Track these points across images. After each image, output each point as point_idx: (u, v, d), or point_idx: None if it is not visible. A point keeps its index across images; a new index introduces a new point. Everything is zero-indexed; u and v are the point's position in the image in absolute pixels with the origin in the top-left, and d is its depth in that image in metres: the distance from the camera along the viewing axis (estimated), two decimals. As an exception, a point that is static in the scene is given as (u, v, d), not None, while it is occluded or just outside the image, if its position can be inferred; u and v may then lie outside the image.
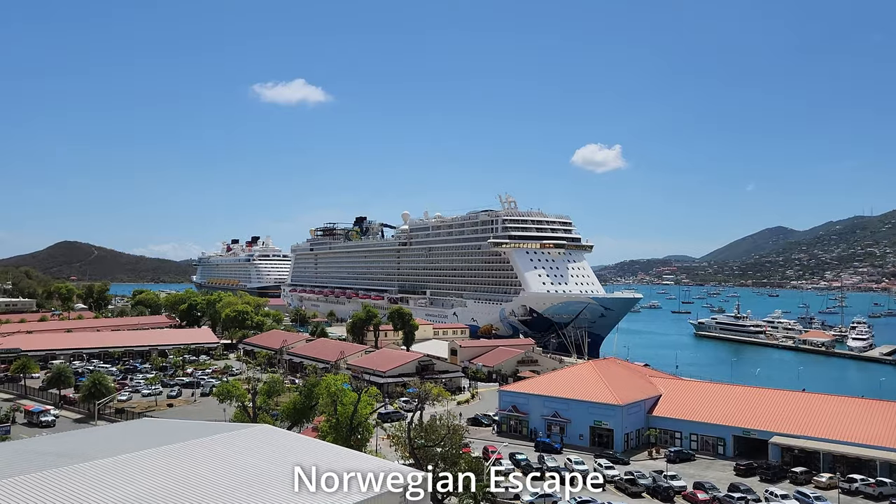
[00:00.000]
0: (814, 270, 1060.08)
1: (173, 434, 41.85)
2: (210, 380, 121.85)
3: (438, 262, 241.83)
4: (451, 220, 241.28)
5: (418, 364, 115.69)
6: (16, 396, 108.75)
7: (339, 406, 57.79)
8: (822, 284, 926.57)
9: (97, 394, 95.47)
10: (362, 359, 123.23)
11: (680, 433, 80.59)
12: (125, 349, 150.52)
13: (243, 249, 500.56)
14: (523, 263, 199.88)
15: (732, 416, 78.95)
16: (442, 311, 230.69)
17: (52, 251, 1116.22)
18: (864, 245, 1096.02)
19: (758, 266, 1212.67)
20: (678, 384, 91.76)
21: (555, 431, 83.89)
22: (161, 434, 42.20)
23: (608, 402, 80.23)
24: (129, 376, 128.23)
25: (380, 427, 65.00)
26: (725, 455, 76.73)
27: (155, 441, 38.83)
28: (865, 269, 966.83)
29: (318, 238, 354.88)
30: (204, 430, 43.29)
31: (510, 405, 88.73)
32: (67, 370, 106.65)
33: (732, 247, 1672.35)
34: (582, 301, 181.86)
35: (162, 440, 38.99)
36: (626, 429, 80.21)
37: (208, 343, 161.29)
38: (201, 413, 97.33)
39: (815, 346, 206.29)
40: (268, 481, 32.09)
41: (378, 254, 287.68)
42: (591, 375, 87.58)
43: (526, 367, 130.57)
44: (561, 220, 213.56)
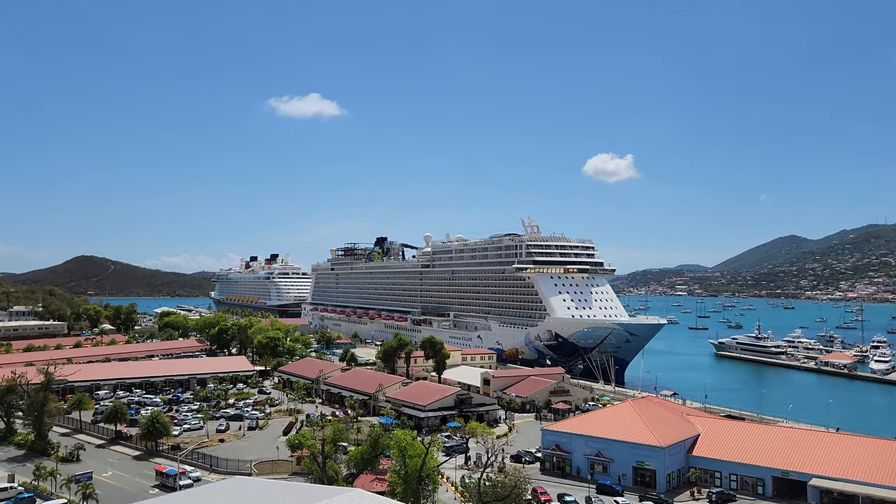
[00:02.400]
0: (828, 280, 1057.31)
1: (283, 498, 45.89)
2: (254, 412, 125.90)
3: (462, 284, 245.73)
4: (475, 244, 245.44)
5: (456, 398, 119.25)
6: (72, 431, 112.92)
7: (408, 459, 61.63)
8: (838, 295, 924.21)
9: (155, 432, 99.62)
10: (400, 391, 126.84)
11: (720, 473, 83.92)
12: (166, 378, 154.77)
13: (262, 267, 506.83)
14: (547, 288, 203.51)
15: (771, 456, 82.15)
16: (466, 333, 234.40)
17: (70, 266, 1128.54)
18: (878, 254, 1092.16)
19: (771, 276, 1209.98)
20: (716, 423, 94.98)
21: (598, 471, 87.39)
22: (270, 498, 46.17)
23: (650, 443, 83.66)
24: (174, 407, 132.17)
25: (444, 477, 68.70)
26: (765, 496, 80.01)
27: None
28: (881, 280, 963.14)
29: (338, 258, 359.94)
30: (305, 495, 47.15)
31: (553, 444, 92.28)
32: (123, 407, 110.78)
33: (745, 256, 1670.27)
34: (607, 327, 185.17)
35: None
36: (668, 469, 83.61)
37: (244, 371, 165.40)
38: (252, 449, 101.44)
39: (838, 368, 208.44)
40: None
41: (400, 275, 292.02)
42: (631, 416, 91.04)
43: (558, 398, 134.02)
44: (584, 245, 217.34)
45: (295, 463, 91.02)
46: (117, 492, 78.52)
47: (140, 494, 79.06)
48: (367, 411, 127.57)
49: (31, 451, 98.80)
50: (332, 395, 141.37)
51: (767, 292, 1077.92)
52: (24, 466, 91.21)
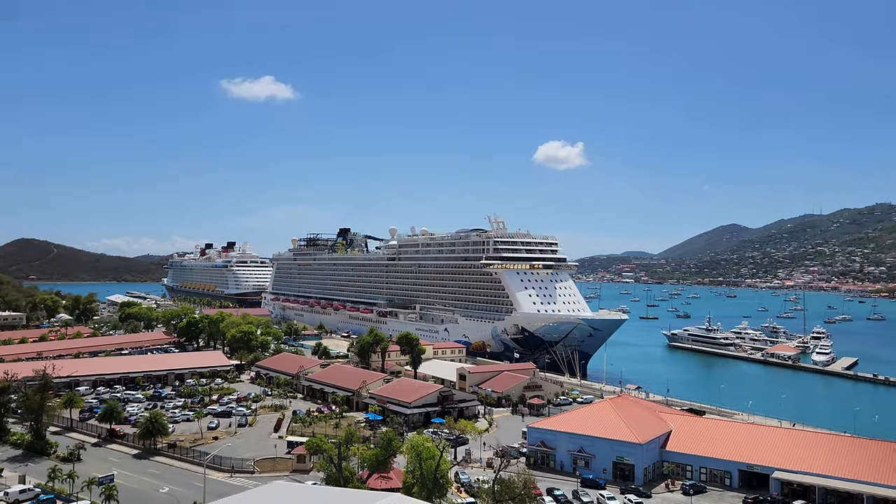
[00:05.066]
0: (767, 269, 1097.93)
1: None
2: (240, 408, 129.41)
3: (428, 278, 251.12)
4: (441, 238, 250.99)
5: (439, 394, 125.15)
6: (63, 429, 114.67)
7: (423, 462, 67.30)
8: (776, 283, 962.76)
9: (154, 431, 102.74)
10: (384, 388, 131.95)
11: (691, 466, 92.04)
12: (145, 374, 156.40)
13: (219, 254, 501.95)
14: (514, 283, 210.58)
15: (737, 451, 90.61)
16: (432, 326, 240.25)
17: (9, 249, 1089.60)
18: (814, 244, 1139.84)
19: (713, 264, 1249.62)
20: (686, 420, 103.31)
21: (581, 465, 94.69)
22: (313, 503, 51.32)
23: (629, 440, 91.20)
24: (157, 404, 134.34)
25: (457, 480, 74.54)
26: (732, 487, 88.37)
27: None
28: (816, 268, 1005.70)
29: (301, 248, 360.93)
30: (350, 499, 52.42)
31: (538, 440, 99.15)
32: (117, 406, 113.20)
33: (688, 244, 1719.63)
34: (572, 322, 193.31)
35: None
36: (646, 463, 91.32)
37: (222, 366, 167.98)
38: (248, 447, 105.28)
39: (782, 359, 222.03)
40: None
41: (366, 267, 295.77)
42: (610, 414, 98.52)
43: (532, 393, 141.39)
44: (547, 241, 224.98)
45: (295, 461, 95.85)
46: (130, 492, 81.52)
47: (153, 495, 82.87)
48: (350, 407, 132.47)
49: (30, 451, 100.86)
50: (313, 390, 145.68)
51: (710, 280, 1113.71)
52: (26, 466, 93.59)
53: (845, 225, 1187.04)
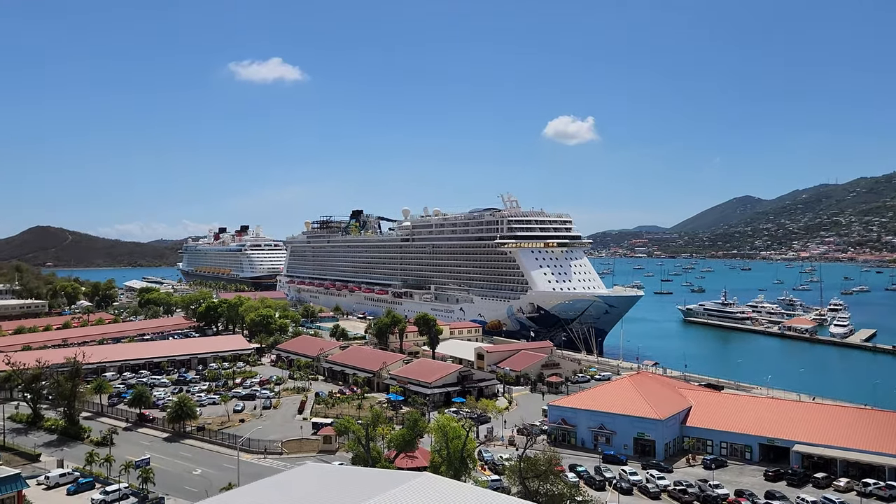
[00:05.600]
0: (781, 240, 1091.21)
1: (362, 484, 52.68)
2: (264, 391, 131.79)
3: (442, 258, 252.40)
4: (455, 218, 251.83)
5: (459, 374, 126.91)
6: (93, 414, 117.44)
7: (450, 442, 68.90)
8: (791, 255, 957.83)
9: (183, 415, 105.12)
10: (404, 369, 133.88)
11: (711, 441, 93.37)
12: (169, 359, 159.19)
13: (233, 238, 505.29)
14: (529, 262, 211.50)
15: (757, 425, 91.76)
16: (447, 306, 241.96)
17: (26, 237, 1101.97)
18: (829, 214, 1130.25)
19: (727, 237, 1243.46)
20: (705, 396, 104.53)
21: (602, 442, 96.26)
22: (351, 484, 52.90)
23: (650, 416, 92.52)
24: (182, 388, 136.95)
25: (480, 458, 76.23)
26: (752, 461, 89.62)
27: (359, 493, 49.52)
28: (832, 239, 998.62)
29: (314, 230, 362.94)
30: (383, 479, 53.94)
31: (559, 418, 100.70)
32: (146, 391, 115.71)
33: (701, 216, 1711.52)
34: (588, 299, 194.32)
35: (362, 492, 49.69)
36: (666, 439, 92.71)
37: (243, 349, 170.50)
38: (274, 428, 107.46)
39: (800, 332, 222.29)
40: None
41: (380, 248, 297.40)
42: (630, 391, 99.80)
43: (550, 371, 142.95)
44: (562, 219, 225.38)
45: (321, 442, 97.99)
46: (163, 475, 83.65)
47: (187, 477, 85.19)
48: (371, 388, 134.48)
49: (64, 436, 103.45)
50: (334, 372, 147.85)
51: (724, 253, 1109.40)
52: (62, 451, 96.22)
53: (862, 194, 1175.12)
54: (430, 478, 54.12)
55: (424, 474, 56.20)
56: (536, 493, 63.43)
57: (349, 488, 53.38)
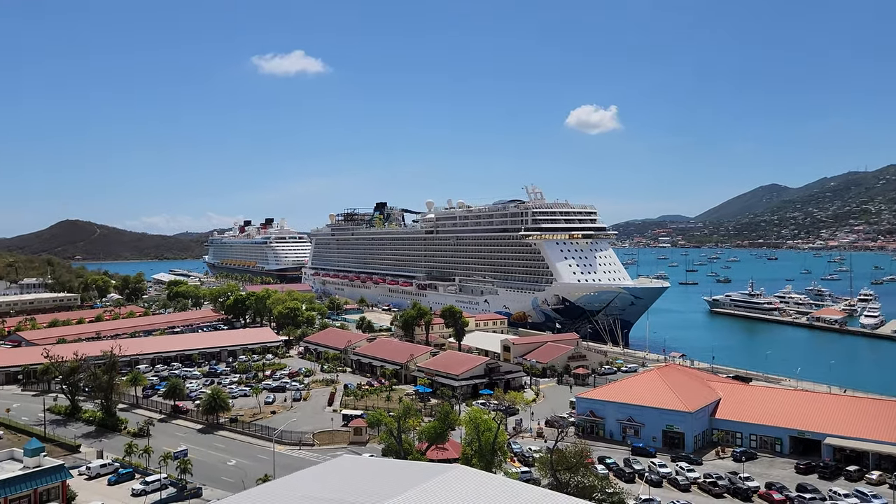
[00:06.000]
0: (809, 229, 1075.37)
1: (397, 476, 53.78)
2: (294, 383, 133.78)
3: (467, 250, 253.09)
4: (479, 210, 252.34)
5: (486, 366, 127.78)
6: (129, 406, 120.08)
7: (482, 434, 69.84)
8: (819, 244, 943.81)
9: (216, 407, 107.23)
10: (431, 361, 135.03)
11: (741, 434, 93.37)
12: (200, 351, 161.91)
13: (258, 231, 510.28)
14: (553, 253, 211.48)
15: (787, 417, 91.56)
16: (472, 297, 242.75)
17: (55, 230, 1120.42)
18: (858, 202, 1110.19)
19: (752, 226, 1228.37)
20: (734, 388, 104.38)
21: (630, 434, 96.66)
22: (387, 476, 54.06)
23: (679, 409, 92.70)
24: (214, 380, 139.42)
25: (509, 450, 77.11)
26: (782, 453, 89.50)
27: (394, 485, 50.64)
28: (861, 227, 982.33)
29: (339, 223, 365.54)
30: (417, 471, 55.05)
31: (587, 410, 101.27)
32: (180, 383, 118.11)
33: (726, 206, 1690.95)
34: (613, 291, 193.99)
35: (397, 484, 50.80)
36: (695, 431, 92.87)
37: (272, 342, 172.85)
38: (305, 420, 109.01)
39: (829, 323, 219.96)
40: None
41: (404, 240, 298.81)
42: (658, 383, 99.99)
43: (577, 363, 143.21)
44: (586, 211, 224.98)
45: (352, 434, 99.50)
46: (199, 465, 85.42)
47: (222, 467, 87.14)
48: (398, 380, 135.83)
49: (102, 427, 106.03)
50: (361, 364, 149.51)
51: (750, 242, 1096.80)
52: (100, 442, 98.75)
53: (892, 181, 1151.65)
54: (464, 470, 55.10)
55: (458, 466, 57.20)
56: (567, 485, 64.21)
57: (386, 480, 54.44)
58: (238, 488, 76.50)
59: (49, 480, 69.41)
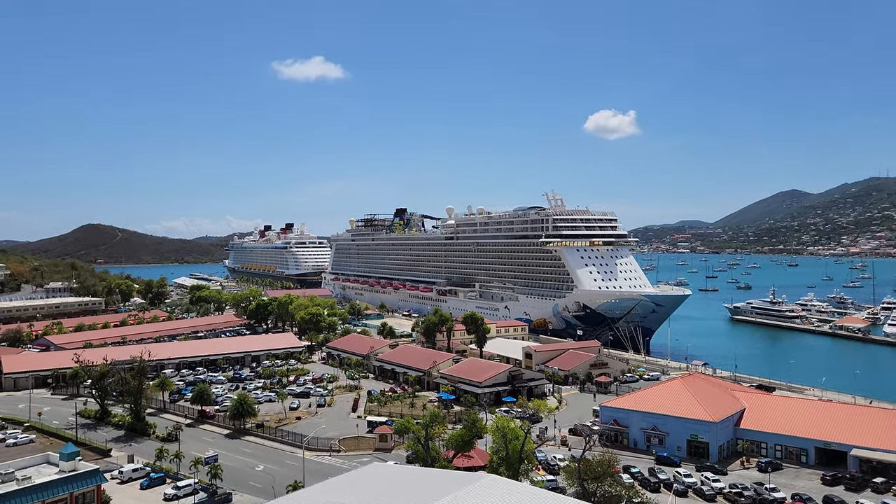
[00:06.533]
0: (830, 235, 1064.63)
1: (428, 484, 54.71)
2: (318, 389, 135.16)
3: (487, 256, 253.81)
4: (500, 217, 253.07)
5: (509, 374, 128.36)
6: (157, 410, 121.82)
7: (509, 443, 70.58)
8: (840, 250, 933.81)
9: (243, 412, 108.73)
10: (454, 368, 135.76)
11: (766, 444, 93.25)
12: (224, 356, 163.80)
13: (278, 236, 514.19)
14: (574, 260, 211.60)
15: (812, 428, 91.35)
16: (493, 304, 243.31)
17: (78, 234, 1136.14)
18: (880, 208, 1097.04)
19: (772, 231, 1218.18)
20: (759, 398, 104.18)
21: (654, 443, 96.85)
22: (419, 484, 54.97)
23: (703, 418, 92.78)
24: (239, 385, 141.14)
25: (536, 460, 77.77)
26: (808, 464, 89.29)
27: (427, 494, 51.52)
28: (883, 234, 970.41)
29: (359, 228, 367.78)
30: (449, 479, 55.93)
31: (611, 419, 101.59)
32: (208, 389, 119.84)
33: (745, 211, 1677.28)
34: (634, 298, 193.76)
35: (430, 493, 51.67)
36: (720, 441, 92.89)
37: (294, 347, 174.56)
38: (329, 426, 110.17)
39: (852, 332, 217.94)
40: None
41: (424, 246, 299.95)
42: (682, 392, 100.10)
43: (599, 371, 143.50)
44: (607, 218, 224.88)
45: (378, 440, 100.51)
46: (228, 470, 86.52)
47: (251, 473, 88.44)
48: (421, 387, 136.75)
49: (131, 432, 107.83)
50: (384, 370, 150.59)
51: (770, 248, 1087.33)
52: (130, 446, 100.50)
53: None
54: (494, 479, 55.97)
55: (489, 476, 58.12)
56: (593, 495, 64.82)
57: (418, 488, 55.40)
58: (267, 494, 77.95)
59: (85, 484, 70.98)
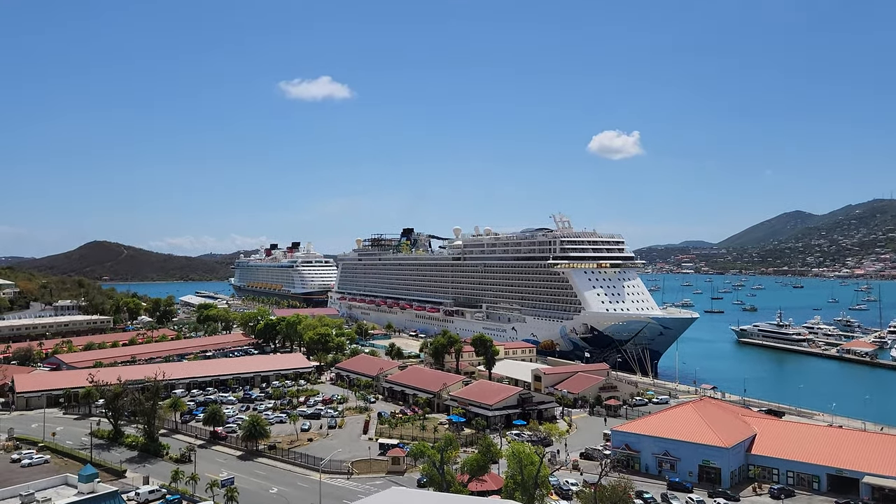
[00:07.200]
0: (834, 257, 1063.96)
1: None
2: (329, 410, 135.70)
3: (494, 277, 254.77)
4: (507, 238, 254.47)
5: (519, 397, 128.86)
6: (169, 431, 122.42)
7: (524, 468, 71.20)
8: (845, 272, 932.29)
9: (256, 434, 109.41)
10: (465, 390, 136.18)
11: (777, 470, 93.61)
12: (234, 376, 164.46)
13: (285, 255, 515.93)
14: (581, 282, 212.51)
15: (824, 455, 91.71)
16: (499, 325, 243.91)
17: (83, 251, 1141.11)
18: (884, 230, 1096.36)
19: (777, 252, 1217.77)
20: (770, 424, 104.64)
21: (666, 468, 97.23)
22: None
23: (716, 444, 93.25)
24: (249, 406, 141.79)
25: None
26: (820, 491, 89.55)
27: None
28: (888, 256, 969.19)
29: (365, 248, 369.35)
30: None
31: (623, 443, 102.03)
32: (220, 409, 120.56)
33: (750, 232, 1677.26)
34: (641, 320, 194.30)
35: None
36: (732, 467, 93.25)
37: (304, 368, 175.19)
38: (341, 447, 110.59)
39: (859, 356, 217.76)
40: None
41: (431, 266, 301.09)
42: (694, 418, 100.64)
43: (608, 394, 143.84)
44: (614, 240, 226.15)
45: (390, 463, 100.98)
46: (243, 493, 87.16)
47: (265, 495, 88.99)
48: (431, 409, 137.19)
49: (145, 452, 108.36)
50: (394, 392, 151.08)
51: (774, 269, 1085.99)
52: (144, 467, 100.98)
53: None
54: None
55: (505, 501, 58.89)
56: (609, 520, 65.48)
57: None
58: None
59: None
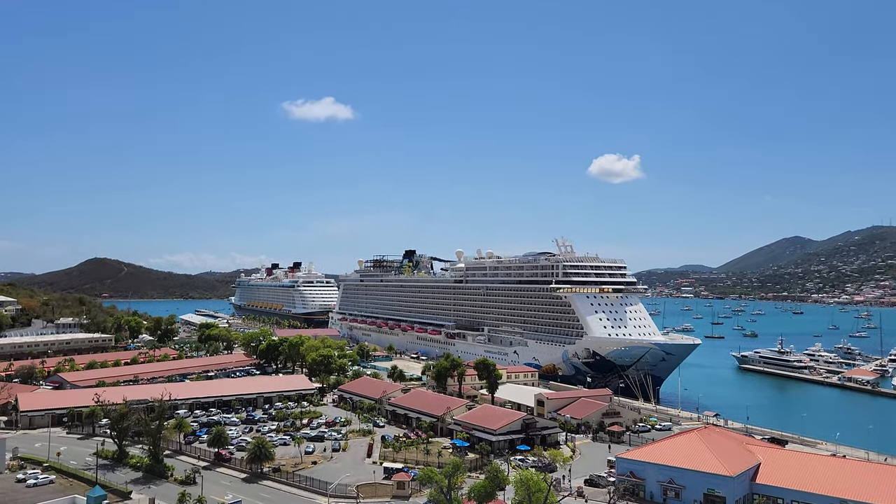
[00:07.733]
0: (834, 283, 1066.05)
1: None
2: (332, 433, 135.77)
3: (497, 300, 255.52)
4: (509, 262, 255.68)
5: (523, 422, 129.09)
6: (173, 452, 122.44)
7: (533, 496, 71.63)
8: (844, 298, 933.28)
9: (261, 456, 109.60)
10: (468, 415, 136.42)
11: (782, 500, 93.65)
12: (237, 397, 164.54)
13: (286, 274, 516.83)
14: (584, 307, 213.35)
15: (829, 485, 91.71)
16: (501, 348, 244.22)
17: (83, 268, 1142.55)
18: (884, 256, 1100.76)
19: (777, 278, 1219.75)
20: (775, 453, 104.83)
21: (671, 496, 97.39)
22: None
23: (721, 472, 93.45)
24: (252, 428, 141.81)
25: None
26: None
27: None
28: (887, 283, 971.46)
29: (367, 269, 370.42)
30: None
31: (627, 471, 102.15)
32: (224, 431, 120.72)
33: (749, 257, 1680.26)
34: (643, 346, 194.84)
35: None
36: (737, 496, 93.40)
37: (306, 389, 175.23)
38: (345, 471, 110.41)
39: (860, 384, 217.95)
40: None
41: (433, 289, 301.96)
42: (698, 445, 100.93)
43: (611, 420, 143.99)
44: (616, 265, 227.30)
45: (395, 487, 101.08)
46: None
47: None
48: (435, 433, 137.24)
49: (150, 474, 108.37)
50: (397, 415, 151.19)
51: (774, 295, 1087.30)
52: (149, 489, 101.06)
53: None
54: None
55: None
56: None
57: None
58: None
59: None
